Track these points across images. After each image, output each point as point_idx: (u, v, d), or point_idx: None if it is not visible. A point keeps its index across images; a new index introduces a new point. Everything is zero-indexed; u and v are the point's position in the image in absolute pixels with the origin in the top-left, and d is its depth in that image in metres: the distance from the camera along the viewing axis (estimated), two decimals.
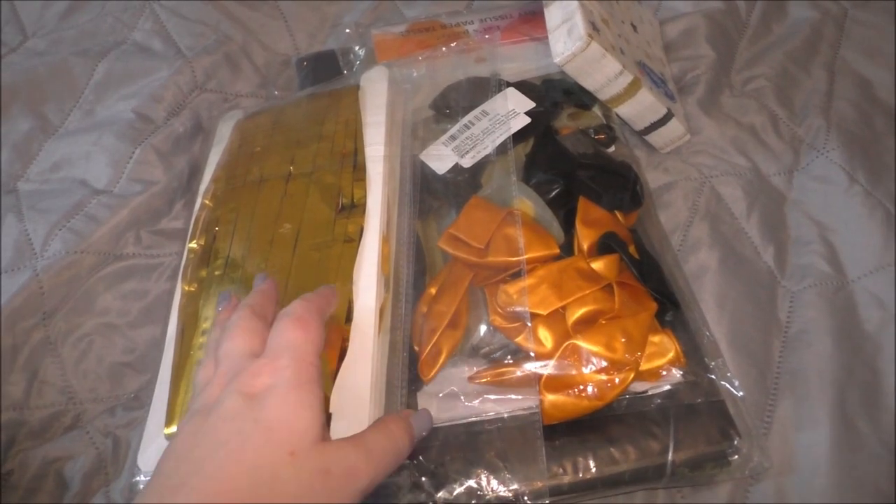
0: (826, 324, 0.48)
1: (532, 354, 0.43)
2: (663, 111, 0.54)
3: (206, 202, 0.50)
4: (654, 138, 0.56)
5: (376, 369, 0.40)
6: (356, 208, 0.46)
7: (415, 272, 0.47)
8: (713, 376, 0.42)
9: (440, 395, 0.44)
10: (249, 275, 0.44)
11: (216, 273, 0.45)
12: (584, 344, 0.42)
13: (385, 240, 0.45)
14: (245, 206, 0.48)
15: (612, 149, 0.54)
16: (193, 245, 0.48)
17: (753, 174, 0.56)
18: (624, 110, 0.54)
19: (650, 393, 0.43)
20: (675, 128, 0.56)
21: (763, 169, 0.57)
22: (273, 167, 0.50)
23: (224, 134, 0.55)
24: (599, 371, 0.42)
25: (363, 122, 0.50)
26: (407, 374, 0.43)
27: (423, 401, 0.43)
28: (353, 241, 0.44)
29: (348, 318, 0.41)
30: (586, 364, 0.42)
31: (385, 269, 0.44)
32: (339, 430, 0.37)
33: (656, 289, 0.45)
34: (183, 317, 0.45)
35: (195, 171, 0.55)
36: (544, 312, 0.43)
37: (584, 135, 0.53)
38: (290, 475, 0.28)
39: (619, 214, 0.50)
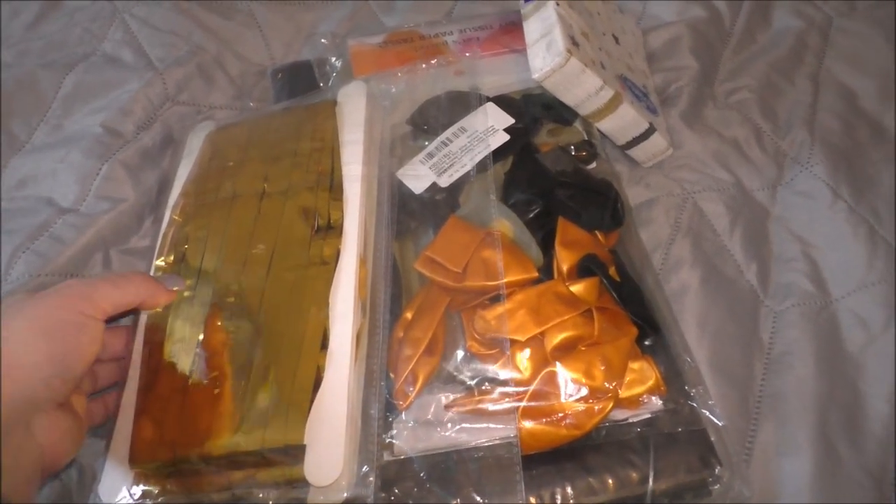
0: (809, 345, 0.47)
1: (510, 382, 0.42)
2: (645, 125, 0.53)
3: (175, 217, 0.48)
4: (637, 153, 0.55)
5: (352, 399, 0.39)
6: (332, 230, 0.44)
7: (391, 295, 0.46)
8: (694, 404, 0.41)
9: (416, 423, 0.42)
10: (221, 296, 0.42)
11: (185, 294, 0.44)
12: (562, 371, 0.41)
13: (362, 263, 0.44)
14: (216, 223, 0.47)
15: (593, 165, 0.53)
16: (161, 262, 0.46)
17: (736, 189, 0.55)
18: (605, 125, 0.53)
19: (630, 421, 0.42)
20: (657, 142, 0.55)
21: (746, 184, 0.56)
22: (246, 183, 0.48)
23: (195, 146, 0.53)
24: (578, 399, 0.41)
25: (341, 139, 0.49)
26: (384, 403, 0.42)
27: (398, 429, 0.42)
28: (329, 263, 0.43)
29: (324, 345, 0.40)
30: (565, 392, 0.41)
31: (362, 294, 0.43)
32: (312, 461, 0.37)
33: (637, 312, 0.44)
34: (149, 339, 0.44)
35: (165, 187, 0.54)
36: (523, 339, 0.42)
37: (564, 152, 0.52)
38: None
39: (599, 234, 0.49)
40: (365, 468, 0.38)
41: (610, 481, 0.40)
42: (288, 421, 0.37)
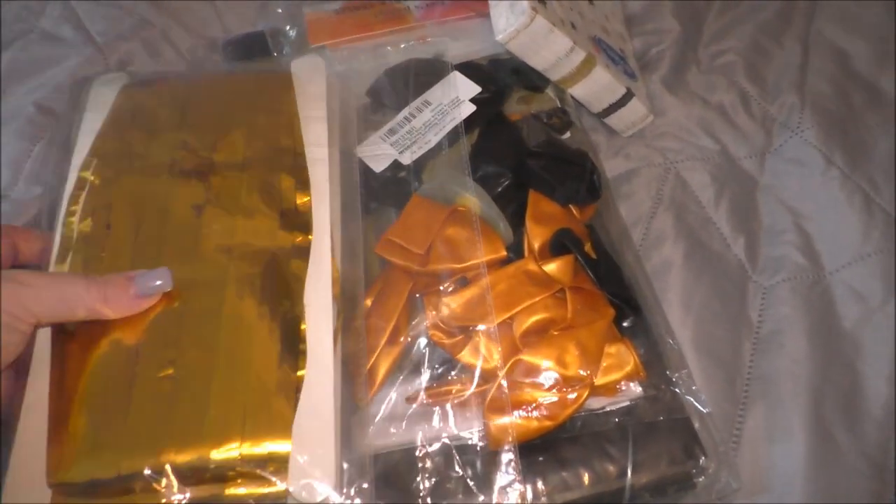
0: (801, 322, 0.44)
1: (476, 372, 0.38)
2: (622, 91, 0.49)
3: (89, 178, 0.41)
4: (614, 121, 0.52)
5: (337, 401, 0.35)
6: (301, 216, 0.40)
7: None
8: (677, 390, 0.38)
9: (376, 418, 0.39)
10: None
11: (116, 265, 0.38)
12: (533, 359, 0.38)
13: (333, 257, 0.40)
14: (152, 192, 0.40)
15: (567, 135, 0.50)
16: (73, 227, 0.39)
17: (722, 157, 0.52)
18: (578, 91, 0.49)
19: (607, 409, 0.39)
20: (636, 109, 0.51)
21: (733, 151, 0.53)
22: (189, 152, 0.42)
23: (101, 100, 0.46)
24: (551, 388, 0.38)
25: (301, 115, 0.44)
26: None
27: (356, 425, 0.39)
28: (303, 253, 0.39)
29: (301, 343, 0.36)
30: (536, 381, 0.38)
31: (335, 291, 0.39)
32: (298, 472, 0.32)
33: (615, 292, 0.41)
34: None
35: None
36: (490, 325, 0.39)
37: (535, 120, 0.48)
38: None
39: (574, 209, 0.45)
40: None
41: (585, 475, 0.37)
42: (270, 426, 0.33)
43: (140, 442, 0.32)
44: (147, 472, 0.31)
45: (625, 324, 0.41)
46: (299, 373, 0.35)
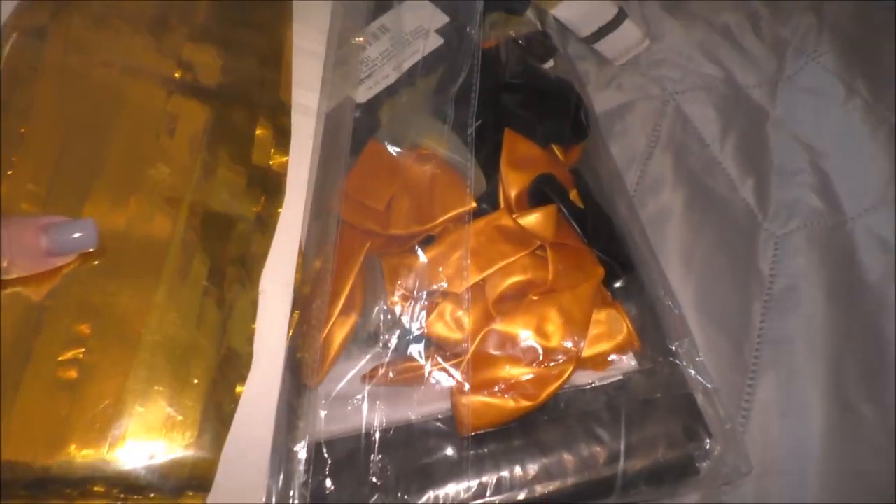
0: (818, 275, 0.40)
1: (444, 344, 0.33)
2: (613, 11, 0.44)
3: (6, 60, 0.31)
4: (604, 46, 0.46)
5: (280, 417, 0.30)
6: (272, 180, 0.33)
7: None
8: (678, 362, 0.33)
9: (328, 399, 0.34)
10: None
11: (23, 206, 0.29)
12: (508, 328, 0.33)
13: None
14: (90, 104, 0.31)
15: (549, 64, 0.43)
16: None
17: (728, 87, 0.47)
18: (563, 12, 0.43)
19: (595, 385, 0.34)
20: (630, 32, 0.46)
21: (740, 80, 0.48)
22: (146, 59, 0.33)
23: None
24: (529, 363, 0.32)
25: (293, 45, 0.36)
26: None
27: (304, 409, 0.33)
28: (266, 231, 0.32)
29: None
30: (512, 354, 0.32)
31: (297, 279, 0.32)
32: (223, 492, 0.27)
33: (604, 248, 0.35)
34: None
35: None
36: (458, 291, 0.33)
37: (514, 46, 0.42)
38: None
39: (557, 150, 0.39)
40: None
41: (570, 461, 0.32)
42: (196, 434, 0.27)
43: (26, 438, 0.26)
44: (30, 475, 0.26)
45: (616, 285, 0.35)
46: (238, 388, 0.29)
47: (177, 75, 0.33)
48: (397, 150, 0.38)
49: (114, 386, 0.27)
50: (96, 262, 0.29)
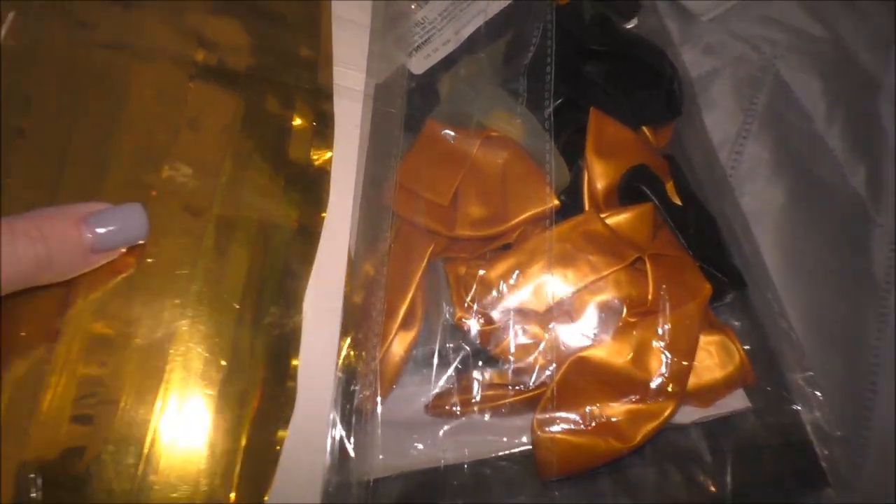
0: None
1: (522, 373, 0.28)
2: None
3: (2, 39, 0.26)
4: None
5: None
6: (315, 181, 0.28)
7: None
8: (797, 407, 0.28)
9: (385, 430, 0.29)
10: None
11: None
12: (599, 355, 0.28)
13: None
14: (93, 96, 0.26)
15: (633, 22, 0.36)
16: None
17: (836, 50, 0.39)
18: None
19: (698, 421, 0.29)
20: None
21: (850, 42, 0.39)
22: (162, 39, 0.28)
23: None
24: (624, 397, 0.27)
25: (332, 14, 0.31)
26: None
27: (358, 443, 0.29)
28: (309, 242, 0.27)
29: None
30: (604, 387, 0.27)
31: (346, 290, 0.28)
32: None
33: (709, 257, 0.30)
34: None
35: None
36: (540, 310, 0.28)
37: (593, 4, 0.35)
38: None
39: (647, 131, 0.33)
40: None
41: None
42: (236, 482, 0.23)
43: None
44: None
45: (726, 299, 0.30)
46: (281, 433, 0.24)
47: (199, 57, 0.27)
48: (459, 132, 0.32)
49: (127, 451, 0.22)
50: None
